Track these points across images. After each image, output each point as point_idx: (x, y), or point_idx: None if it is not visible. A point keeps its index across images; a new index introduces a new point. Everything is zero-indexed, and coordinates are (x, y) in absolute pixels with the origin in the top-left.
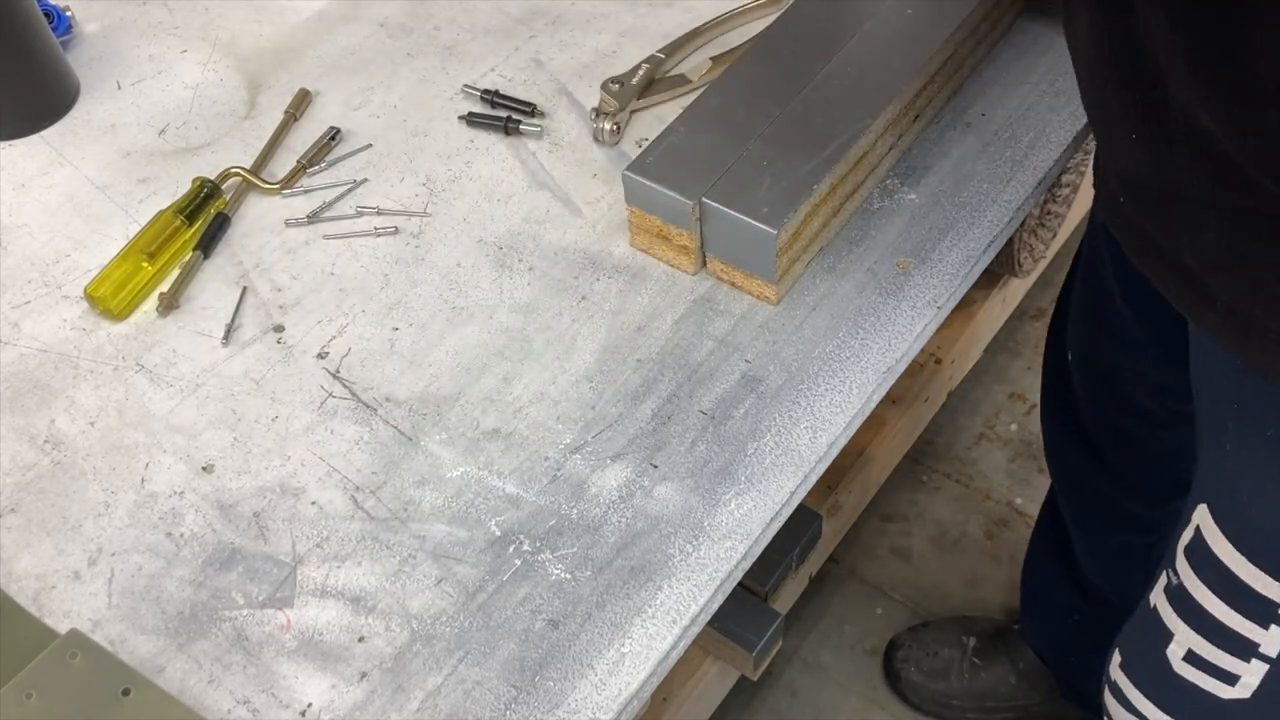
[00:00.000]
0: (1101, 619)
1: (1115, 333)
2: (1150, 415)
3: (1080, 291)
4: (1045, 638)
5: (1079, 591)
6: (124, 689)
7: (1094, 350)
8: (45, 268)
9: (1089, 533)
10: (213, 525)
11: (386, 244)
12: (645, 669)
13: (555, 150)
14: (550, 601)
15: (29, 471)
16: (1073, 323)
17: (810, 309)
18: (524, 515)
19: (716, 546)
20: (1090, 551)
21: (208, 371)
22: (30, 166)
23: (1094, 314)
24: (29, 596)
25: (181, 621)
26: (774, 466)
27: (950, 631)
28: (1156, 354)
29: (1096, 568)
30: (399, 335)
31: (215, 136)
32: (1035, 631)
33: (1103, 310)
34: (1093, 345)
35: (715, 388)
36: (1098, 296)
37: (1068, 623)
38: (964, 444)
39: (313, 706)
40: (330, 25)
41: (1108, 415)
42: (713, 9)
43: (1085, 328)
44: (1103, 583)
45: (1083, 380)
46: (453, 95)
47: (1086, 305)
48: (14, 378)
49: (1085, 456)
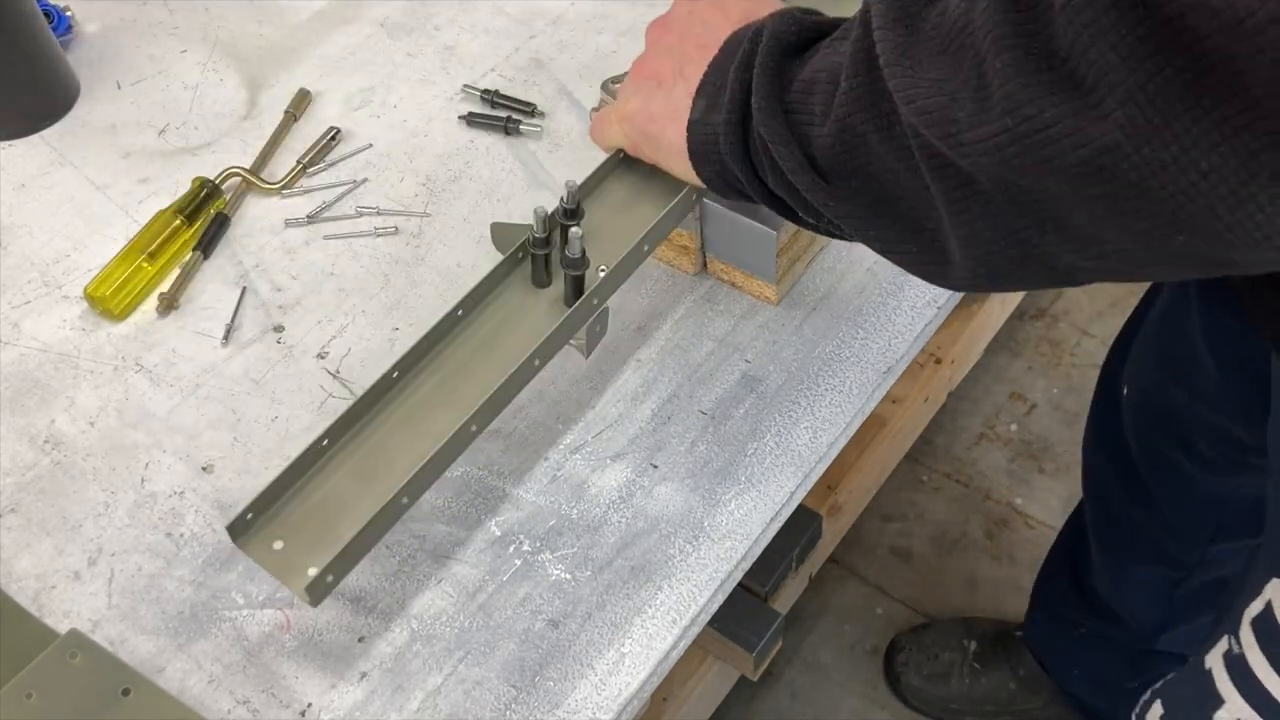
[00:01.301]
0: (1109, 636)
1: (1190, 380)
2: (1209, 461)
3: (1156, 334)
4: (1049, 647)
5: (1090, 608)
6: (124, 689)
7: (1160, 392)
8: (45, 268)
9: (1117, 562)
10: (213, 525)
11: (386, 244)
12: (645, 669)
13: (555, 150)
14: (550, 601)
15: (29, 471)
16: (1137, 360)
17: (810, 309)
18: (524, 515)
19: (716, 546)
20: (1113, 578)
21: (208, 371)
22: (30, 166)
23: (1168, 358)
24: (29, 596)
25: (181, 621)
26: (774, 466)
27: (951, 634)
28: (1232, 407)
29: (1117, 594)
30: (399, 335)
31: (215, 136)
32: (1039, 640)
33: (1180, 357)
34: (1160, 387)
35: (715, 388)
36: (1176, 342)
37: (1074, 635)
38: (964, 444)
39: (313, 706)
40: (330, 25)
41: (1163, 456)
42: None
43: (1155, 371)
44: (1120, 608)
45: (1141, 419)
46: (453, 95)
47: (1161, 348)
48: (14, 378)
49: (1128, 490)
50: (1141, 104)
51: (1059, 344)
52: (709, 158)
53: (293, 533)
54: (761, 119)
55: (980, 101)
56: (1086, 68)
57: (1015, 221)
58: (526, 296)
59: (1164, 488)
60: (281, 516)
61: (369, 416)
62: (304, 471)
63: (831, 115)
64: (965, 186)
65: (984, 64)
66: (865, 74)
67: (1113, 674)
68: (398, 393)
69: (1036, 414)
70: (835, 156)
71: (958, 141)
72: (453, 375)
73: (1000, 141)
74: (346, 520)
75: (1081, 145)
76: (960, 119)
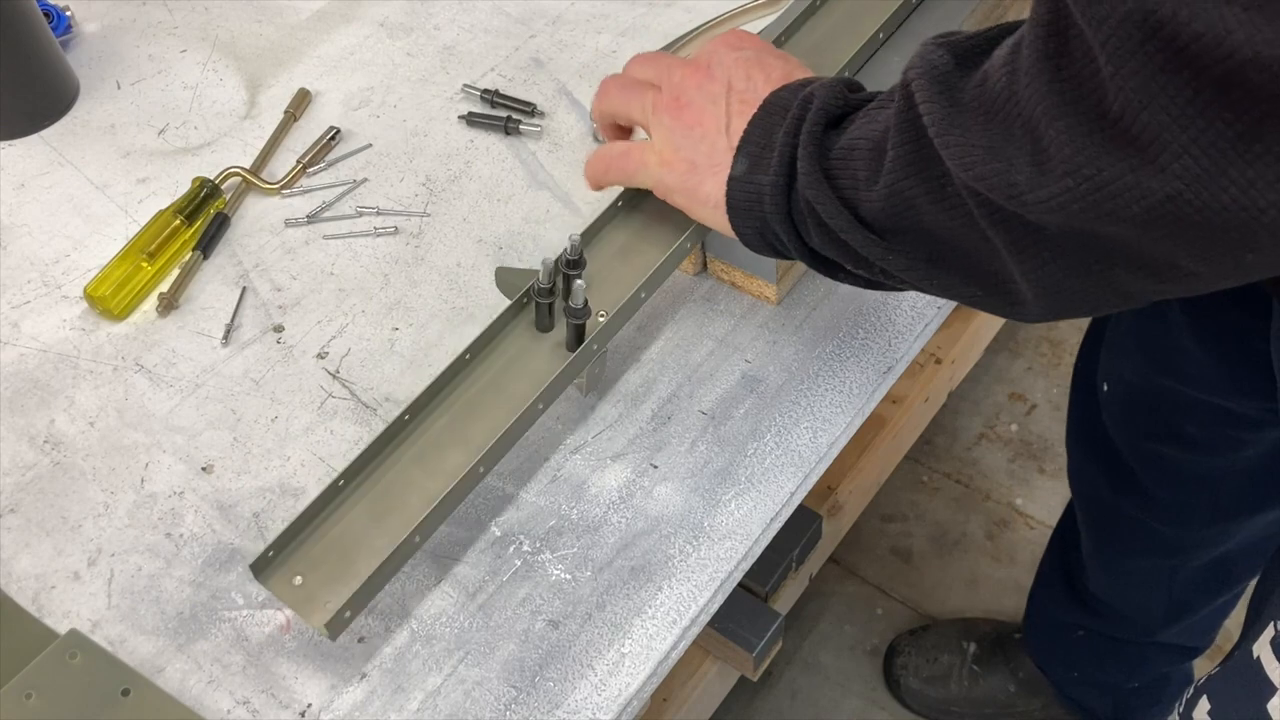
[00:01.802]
0: (1108, 636)
1: (1177, 366)
2: (1198, 443)
3: (1134, 328)
4: (1048, 651)
5: (1087, 610)
6: (124, 689)
7: (1145, 382)
8: (45, 268)
9: (1112, 559)
10: (212, 525)
11: (386, 244)
12: (645, 669)
13: (555, 150)
14: (550, 602)
15: (29, 471)
16: (1115, 355)
17: (810, 309)
18: (524, 515)
19: (716, 547)
20: (1110, 576)
21: (207, 371)
22: (30, 166)
23: (1151, 349)
24: (29, 596)
25: (181, 622)
26: (774, 466)
27: (950, 636)
28: (1225, 385)
29: (1114, 589)
30: (399, 335)
31: (215, 136)
32: (1037, 644)
33: (1165, 347)
34: (1144, 378)
35: (715, 388)
36: (1159, 334)
37: (1072, 638)
38: (964, 444)
39: (312, 707)
40: (330, 25)
41: (1150, 446)
42: (713, 9)
43: (1137, 362)
44: (1120, 605)
45: (1125, 411)
46: (453, 95)
47: (1142, 341)
48: (14, 378)
49: (1116, 486)
50: (1197, 156)
51: (1059, 344)
52: (750, 215)
53: (311, 569)
54: (806, 183)
55: (1038, 165)
56: (1140, 128)
57: (1086, 260)
58: (530, 341)
59: (1153, 477)
60: (301, 553)
61: (382, 457)
62: (322, 510)
63: (880, 181)
64: (1032, 235)
65: (1037, 131)
66: (913, 142)
67: (1113, 676)
68: (409, 433)
69: (1036, 414)
70: (887, 217)
71: (1021, 202)
72: (461, 415)
73: (1064, 200)
74: (363, 557)
75: (1143, 197)
76: (1020, 182)
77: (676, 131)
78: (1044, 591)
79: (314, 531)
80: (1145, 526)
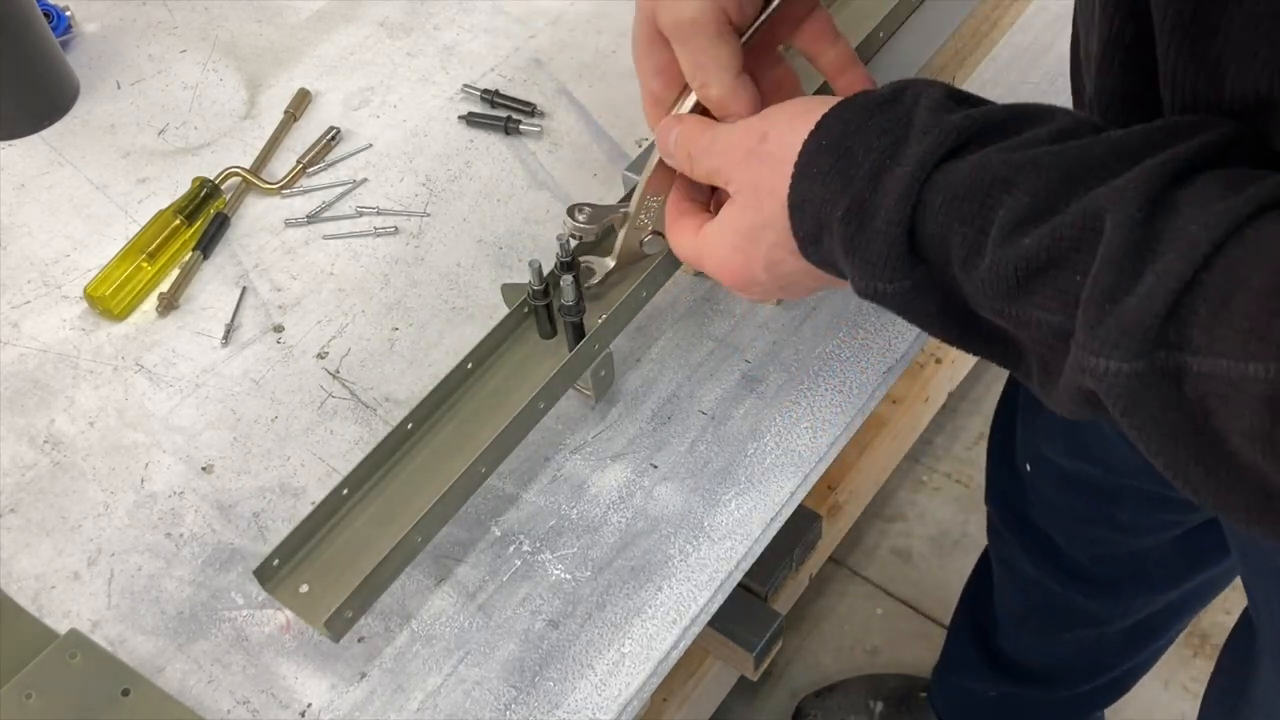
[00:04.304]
0: (1022, 697)
1: (1099, 450)
2: (1128, 527)
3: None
4: (956, 713)
5: (1000, 671)
6: (124, 689)
7: (1070, 464)
8: (45, 268)
9: (1031, 626)
10: (212, 525)
11: (386, 244)
12: (645, 669)
13: (555, 150)
14: (550, 601)
15: (29, 471)
16: (1034, 432)
17: (810, 309)
18: (524, 515)
19: (716, 546)
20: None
21: (207, 371)
22: (30, 166)
23: (1072, 433)
24: (29, 596)
25: (181, 621)
26: (774, 466)
27: (857, 696)
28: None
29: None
30: (399, 335)
31: (215, 136)
32: (945, 706)
33: (1083, 428)
34: (1068, 459)
35: (715, 388)
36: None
37: (983, 699)
38: (964, 444)
39: (312, 706)
40: (330, 25)
41: (1078, 526)
42: None
43: (1058, 444)
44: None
45: (1051, 492)
46: (453, 95)
47: (1064, 423)
48: (14, 378)
49: (1036, 558)
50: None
51: None
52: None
53: (317, 576)
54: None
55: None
56: None
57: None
58: (534, 348)
59: (1081, 555)
60: (306, 562)
61: (386, 466)
62: (326, 519)
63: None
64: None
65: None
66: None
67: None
68: (413, 443)
69: None
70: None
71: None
72: (465, 425)
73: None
74: (367, 562)
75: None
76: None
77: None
78: (954, 650)
79: (319, 541)
80: (1070, 600)
